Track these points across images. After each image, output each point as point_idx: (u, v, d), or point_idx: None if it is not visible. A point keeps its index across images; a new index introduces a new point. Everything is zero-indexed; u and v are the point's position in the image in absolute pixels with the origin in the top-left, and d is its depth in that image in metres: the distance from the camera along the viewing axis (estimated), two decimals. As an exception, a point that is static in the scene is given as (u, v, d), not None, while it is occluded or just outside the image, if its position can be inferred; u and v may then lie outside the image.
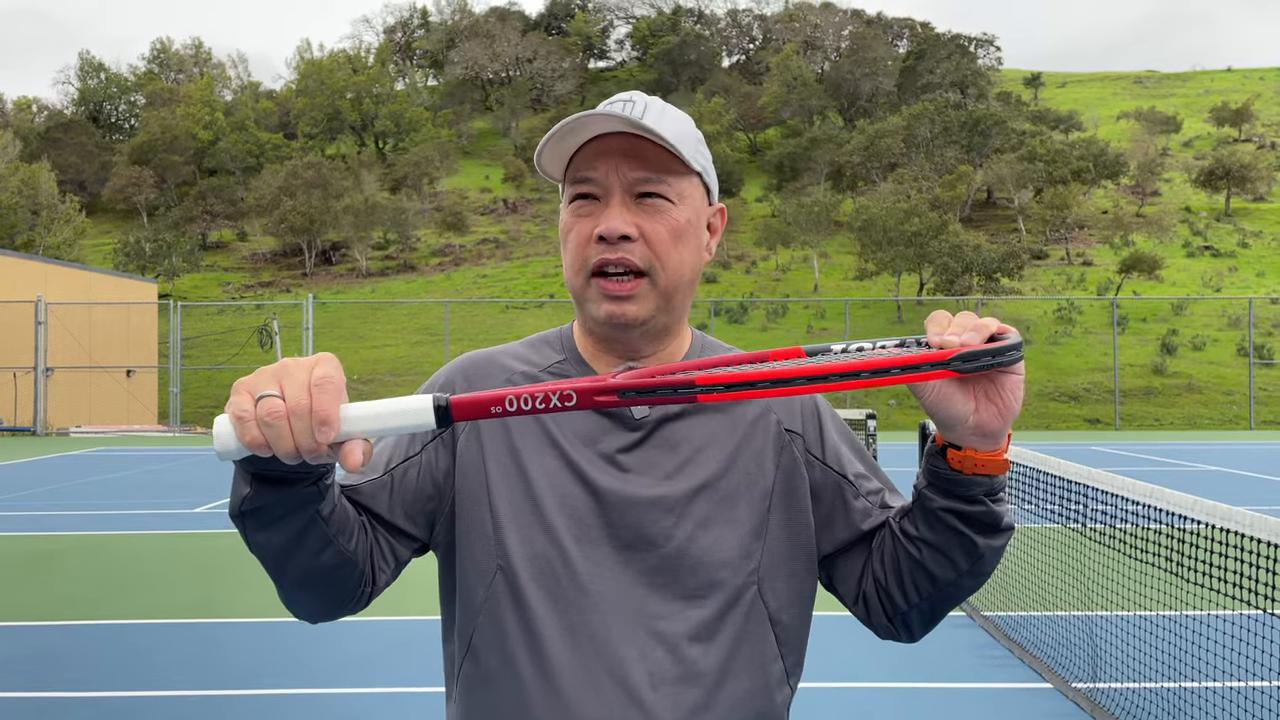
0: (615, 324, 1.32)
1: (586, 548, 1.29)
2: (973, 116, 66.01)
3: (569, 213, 1.34)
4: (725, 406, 1.36)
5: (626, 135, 1.30)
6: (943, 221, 45.03)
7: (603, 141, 1.31)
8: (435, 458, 1.35)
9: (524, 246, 63.21)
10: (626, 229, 1.29)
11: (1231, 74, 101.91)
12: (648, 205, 1.31)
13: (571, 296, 1.37)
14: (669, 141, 1.28)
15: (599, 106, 1.34)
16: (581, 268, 1.32)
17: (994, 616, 6.35)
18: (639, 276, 1.31)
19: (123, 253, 56.35)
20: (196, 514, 11.50)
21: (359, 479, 1.32)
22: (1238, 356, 38.63)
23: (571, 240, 1.34)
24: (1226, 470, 15.73)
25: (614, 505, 1.30)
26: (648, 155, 1.30)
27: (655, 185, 1.31)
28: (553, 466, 1.31)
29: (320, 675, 5.37)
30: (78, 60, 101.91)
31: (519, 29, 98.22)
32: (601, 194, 1.31)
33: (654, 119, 1.30)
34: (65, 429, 27.76)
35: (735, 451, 1.35)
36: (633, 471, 1.31)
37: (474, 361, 1.42)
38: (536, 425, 1.34)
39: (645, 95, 1.35)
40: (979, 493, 1.21)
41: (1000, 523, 1.25)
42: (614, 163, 1.30)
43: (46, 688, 5.22)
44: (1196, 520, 3.69)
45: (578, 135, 1.30)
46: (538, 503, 1.30)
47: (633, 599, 1.28)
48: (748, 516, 1.33)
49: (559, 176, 1.37)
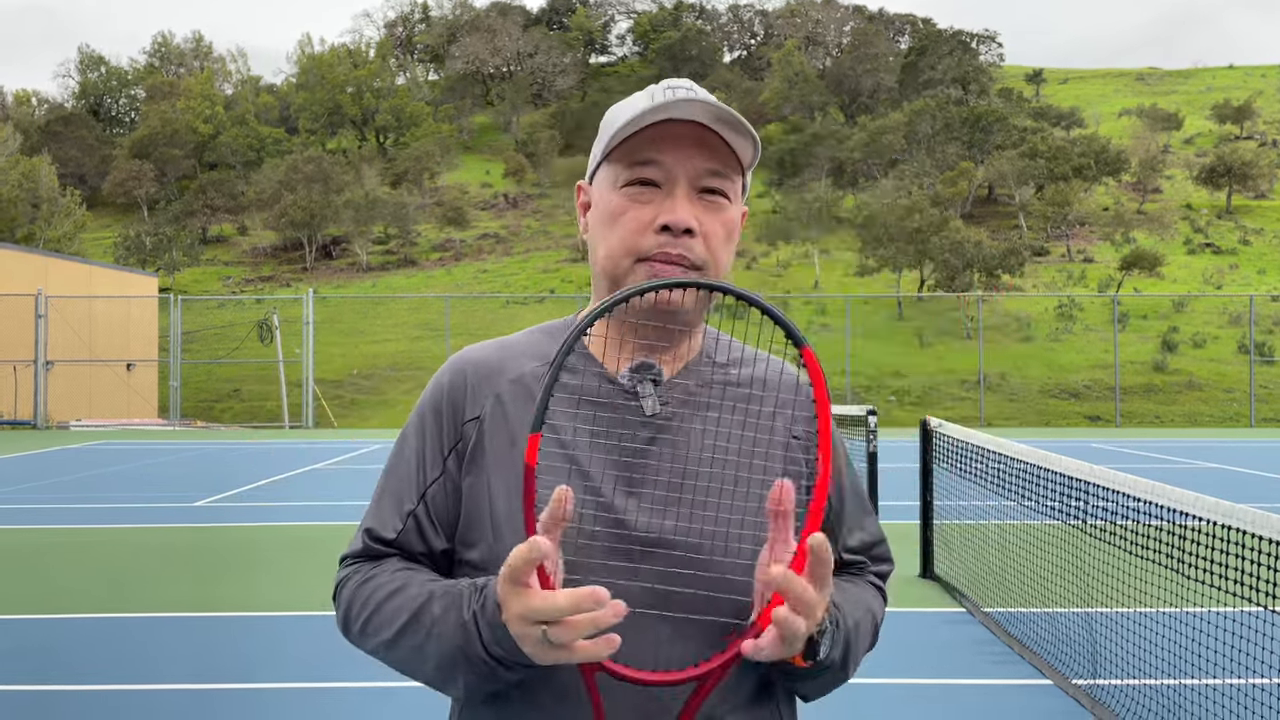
0: (661, 310, 1.26)
1: (592, 550, 1.22)
2: (974, 113, 65.95)
3: (623, 196, 1.28)
4: (735, 405, 1.32)
5: (697, 124, 1.25)
6: (944, 218, 45.01)
7: (672, 127, 1.25)
8: (458, 470, 1.32)
9: (524, 241, 63.21)
10: (692, 222, 1.25)
11: (1233, 71, 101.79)
12: (709, 201, 1.27)
13: (605, 279, 1.30)
14: (748, 132, 1.24)
15: (659, 89, 1.28)
16: (631, 252, 1.27)
17: (994, 613, 6.35)
18: (693, 269, 1.27)
19: (123, 246, 56.36)
20: (196, 508, 11.49)
21: (398, 525, 1.33)
22: (1238, 354, 38.64)
23: (625, 224, 1.27)
24: (1227, 467, 15.72)
25: (621, 510, 1.24)
26: (718, 147, 1.26)
27: (720, 181, 1.27)
28: (558, 466, 1.25)
29: (319, 670, 5.37)
30: (77, 54, 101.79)
31: (520, 24, 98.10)
32: (664, 181, 1.26)
33: (725, 109, 1.25)
34: (65, 422, 27.76)
35: (747, 452, 1.29)
36: (641, 474, 1.26)
37: (476, 365, 1.36)
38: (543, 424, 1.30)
39: (697, 85, 1.30)
40: None
41: (820, 669, 1.22)
42: (685, 152, 1.25)
43: (45, 681, 5.22)
44: (1197, 517, 3.68)
45: (653, 115, 1.23)
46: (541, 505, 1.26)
47: (641, 601, 1.20)
48: (758, 519, 1.28)
49: (600, 153, 1.32)
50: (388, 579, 1.29)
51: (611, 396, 1.29)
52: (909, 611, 6.67)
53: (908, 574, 7.67)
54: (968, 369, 36.98)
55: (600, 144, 1.32)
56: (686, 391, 1.31)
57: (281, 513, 11.09)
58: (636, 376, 1.30)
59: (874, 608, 1.37)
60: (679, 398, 1.31)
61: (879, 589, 1.42)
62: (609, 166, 1.30)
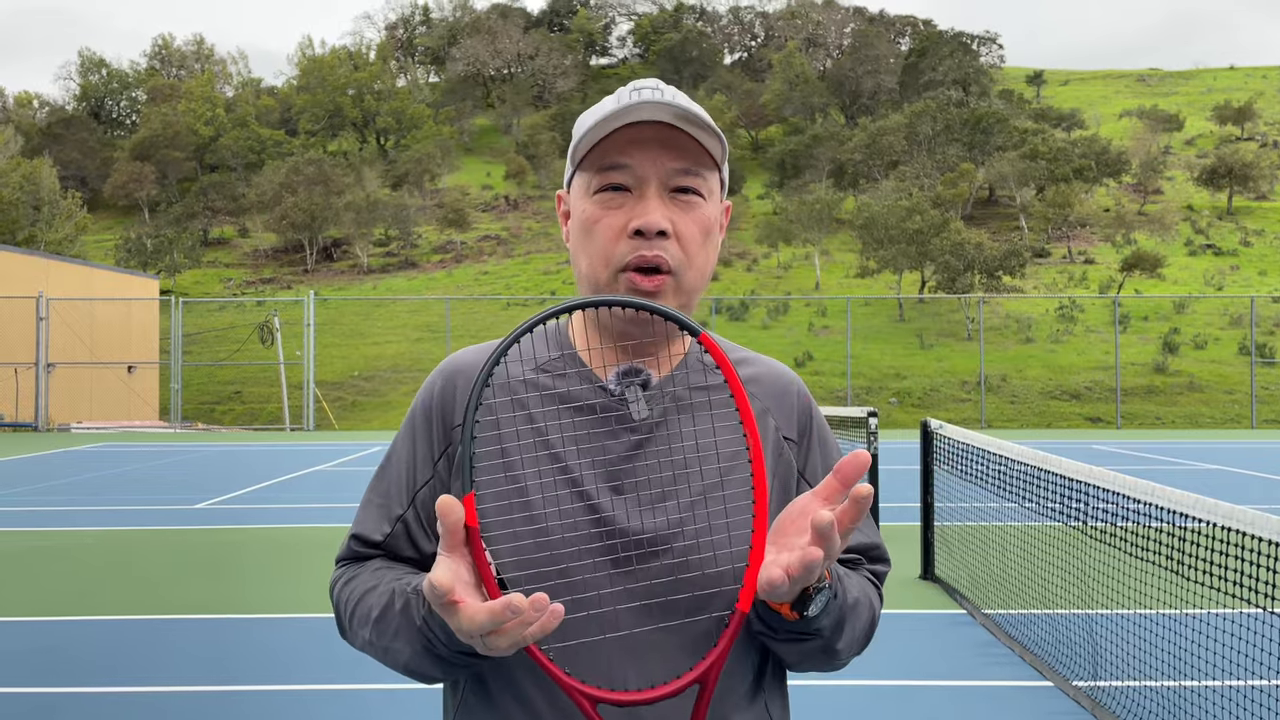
0: (639, 320, 1.27)
1: (582, 554, 1.22)
2: (975, 114, 65.98)
3: (595, 204, 1.27)
4: (725, 407, 1.32)
5: (663, 125, 1.24)
6: (944, 219, 45.02)
7: (637, 130, 1.24)
8: (448, 473, 1.32)
9: (525, 243, 63.22)
10: (664, 224, 1.24)
11: (1234, 72, 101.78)
12: (681, 201, 1.26)
13: (588, 290, 1.30)
14: (713, 130, 1.23)
15: (625, 92, 1.27)
16: (610, 262, 1.26)
17: (994, 615, 6.35)
18: (666, 274, 1.26)
19: (124, 248, 56.43)
20: (197, 510, 11.50)
21: (385, 529, 1.34)
22: (1239, 355, 38.63)
23: (600, 233, 1.27)
24: (1228, 469, 15.72)
25: (611, 513, 1.24)
26: (686, 146, 1.25)
27: (692, 179, 1.26)
28: (547, 471, 1.25)
29: (320, 672, 5.38)
30: (78, 57, 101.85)
31: (521, 26, 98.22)
32: (634, 185, 1.25)
33: (683, 103, 1.24)
34: (66, 425, 27.78)
35: (736, 455, 1.29)
36: (631, 477, 1.26)
37: (466, 371, 1.35)
38: (531, 430, 1.28)
39: (667, 85, 1.29)
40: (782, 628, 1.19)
41: (810, 628, 1.18)
42: (652, 154, 1.24)
43: (47, 683, 5.23)
44: (1197, 519, 3.68)
45: (615, 121, 1.22)
46: (530, 510, 1.25)
47: (631, 606, 1.22)
48: (747, 519, 1.27)
49: (572, 163, 1.31)
50: (366, 578, 1.31)
51: (599, 400, 1.29)
52: (909, 613, 6.67)
53: (908, 575, 7.68)
54: (968, 370, 36.98)
55: (571, 152, 1.32)
56: (675, 395, 1.31)
57: (283, 515, 11.10)
58: (625, 381, 1.29)
59: (872, 597, 1.36)
60: (668, 401, 1.31)
61: (876, 586, 1.42)
62: (582, 174, 1.30)
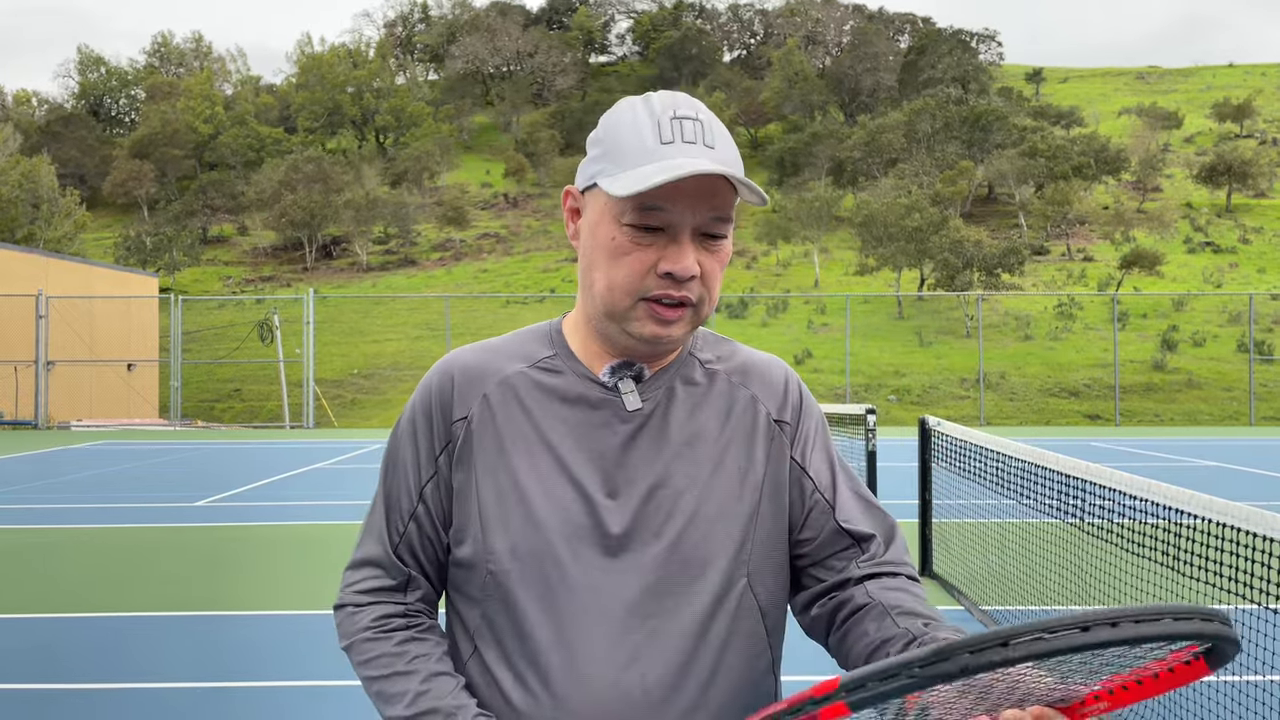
0: (658, 344, 1.30)
1: (577, 546, 1.26)
2: (974, 112, 65.99)
3: (626, 236, 1.26)
4: (717, 396, 1.36)
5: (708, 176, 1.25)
6: (943, 217, 45.06)
7: (683, 181, 1.23)
8: (449, 467, 1.35)
9: (524, 241, 63.24)
10: (696, 270, 1.26)
11: (1233, 70, 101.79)
12: (709, 244, 1.28)
13: (604, 310, 1.30)
14: (749, 186, 1.25)
15: (665, 121, 1.25)
16: (632, 293, 1.28)
17: (992, 611, 6.36)
18: (688, 307, 1.29)
19: (123, 246, 56.43)
20: (197, 507, 11.51)
21: (400, 527, 1.38)
22: (1238, 352, 38.67)
23: (628, 264, 1.27)
24: (1226, 466, 15.74)
25: (605, 502, 1.28)
26: (722, 194, 1.26)
27: (721, 227, 1.28)
28: (543, 464, 1.30)
29: (321, 668, 5.39)
30: (77, 54, 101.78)
31: (520, 23, 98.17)
32: (669, 227, 1.26)
33: (724, 147, 1.25)
34: (66, 423, 27.79)
35: (728, 443, 1.34)
36: (625, 467, 1.30)
37: (463, 368, 1.39)
38: (526, 421, 1.33)
39: (702, 108, 1.28)
40: None
41: None
42: (690, 202, 1.24)
43: (46, 680, 5.24)
44: (1194, 515, 3.69)
45: (663, 174, 1.21)
46: (526, 502, 1.29)
47: (624, 598, 1.25)
48: (740, 509, 1.31)
49: (601, 178, 1.30)
50: (396, 652, 1.33)
51: (593, 393, 1.33)
52: (908, 610, 6.66)
53: (907, 573, 7.68)
54: (967, 368, 37.01)
55: (599, 165, 1.29)
56: (669, 387, 1.35)
57: (282, 512, 11.11)
58: (619, 373, 1.34)
59: (933, 611, 1.34)
60: (661, 393, 1.35)
61: (919, 585, 1.40)
62: (612, 198, 1.28)
